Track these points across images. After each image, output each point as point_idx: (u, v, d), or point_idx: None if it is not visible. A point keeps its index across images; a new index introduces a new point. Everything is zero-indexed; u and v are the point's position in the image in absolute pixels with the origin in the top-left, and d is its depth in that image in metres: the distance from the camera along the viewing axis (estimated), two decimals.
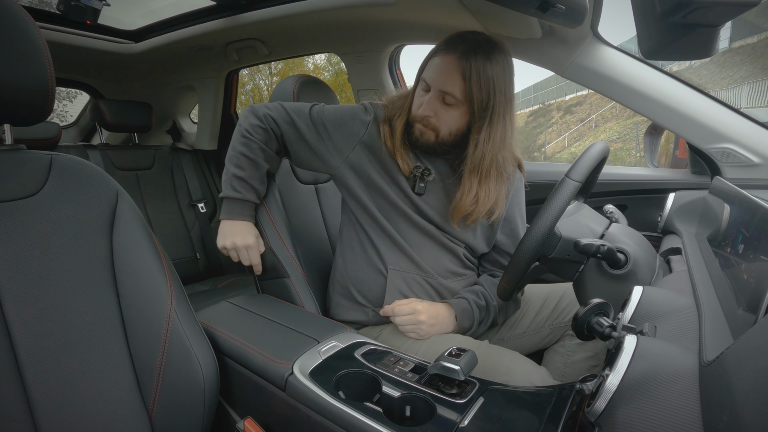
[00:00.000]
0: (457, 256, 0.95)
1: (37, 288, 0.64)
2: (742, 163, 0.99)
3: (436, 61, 0.84)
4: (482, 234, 0.96)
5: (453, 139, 0.88)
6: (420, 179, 0.90)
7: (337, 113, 0.94)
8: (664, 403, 0.37)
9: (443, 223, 0.92)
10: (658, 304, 0.56)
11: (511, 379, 0.70)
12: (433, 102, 0.85)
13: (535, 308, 0.97)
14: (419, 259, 0.91)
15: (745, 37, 14.83)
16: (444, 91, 0.83)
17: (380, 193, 0.91)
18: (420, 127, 0.88)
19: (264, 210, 1.00)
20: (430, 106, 0.85)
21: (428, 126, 0.87)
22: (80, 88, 2.19)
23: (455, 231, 0.93)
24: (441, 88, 0.83)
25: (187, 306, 0.74)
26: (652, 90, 1.03)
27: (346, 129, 0.92)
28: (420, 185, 0.91)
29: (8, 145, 0.68)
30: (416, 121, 0.88)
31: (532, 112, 27.35)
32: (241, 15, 1.44)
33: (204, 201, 2.06)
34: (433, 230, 0.92)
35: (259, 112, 0.94)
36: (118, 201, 0.72)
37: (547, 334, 0.95)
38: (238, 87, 2.13)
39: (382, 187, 0.90)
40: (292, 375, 0.64)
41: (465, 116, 0.85)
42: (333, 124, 0.92)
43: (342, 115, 0.94)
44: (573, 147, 19.29)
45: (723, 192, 0.73)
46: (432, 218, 0.91)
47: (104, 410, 0.65)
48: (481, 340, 0.88)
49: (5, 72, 0.61)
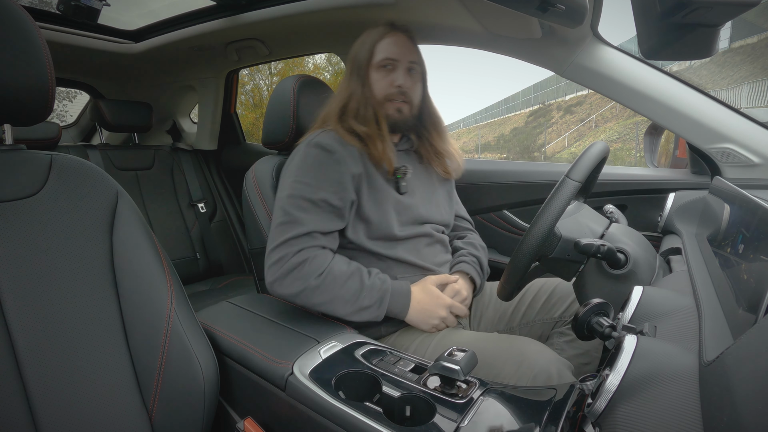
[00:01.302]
0: (445, 244, 0.99)
1: (38, 288, 0.64)
2: (742, 163, 0.99)
3: (389, 42, 0.92)
4: (449, 206, 1.04)
5: (417, 111, 0.96)
6: (402, 179, 0.93)
7: (312, 174, 0.85)
8: (664, 403, 0.37)
9: (429, 215, 0.95)
10: (658, 304, 0.56)
11: (525, 359, 0.71)
12: (405, 74, 0.91)
13: (526, 303, 0.98)
14: (422, 262, 0.92)
15: (745, 37, 14.84)
16: (412, 60, 0.92)
17: (384, 208, 0.90)
18: (396, 105, 0.91)
19: (263, 206, 1.00)
20: (405, 77, 0.91)
21: (406, 100, 0.92)
22: (80, 88, 2.19)
23: (438, 218, 0.98)
24: (409, 58, 0.92)
25: (187, 306, 0.74)
26: (652, 90, 1.03)
27: (332, 177, 0.86)
28: (402, 184, 0.93)
29: (8, 145, 0.68)
30: (390, 100, 0.91)
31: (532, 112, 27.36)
32: (241, 15, 1.44)
33: (204, 201, 2.06)
34: (426, 229, 0.94)
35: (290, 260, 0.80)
36: (118, 201, 0.72)
37: (538, 330, 0.95)
38: (238, 87, 2.13)
39: (378, 212, 0.89)
40: (292, 375, 0.64)
41: (421, 88, 0.96)
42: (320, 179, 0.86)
43: (318, 173, 0.86)
44: (573, 147, 19.30)
45: (723, 192, 0.73)
46: (422, 216, 0.93)
47: (104, 410, 0.65)
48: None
49: (5, 72, 0.61)
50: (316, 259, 0.80)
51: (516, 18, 1.00)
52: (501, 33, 1.11)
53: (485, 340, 0.79)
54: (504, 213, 1.36)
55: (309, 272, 0.79)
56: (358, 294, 0.79)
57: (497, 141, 27.91)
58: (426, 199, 0.97)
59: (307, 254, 0.80)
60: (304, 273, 0.79)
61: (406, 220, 0.91)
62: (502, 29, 1.09)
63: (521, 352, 0.73)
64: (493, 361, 0.73)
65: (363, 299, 0.79)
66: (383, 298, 0.81)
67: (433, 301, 0.84)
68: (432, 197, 0.99)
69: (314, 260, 0.80)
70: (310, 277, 0.79)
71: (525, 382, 0.69)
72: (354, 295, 0.79)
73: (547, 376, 0.69)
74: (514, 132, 27.12)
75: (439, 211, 1.00)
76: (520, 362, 0.71)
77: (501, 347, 0.76)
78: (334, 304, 0.79)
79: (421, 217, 0.94)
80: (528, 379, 0.69)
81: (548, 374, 0.69)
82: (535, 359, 0.71)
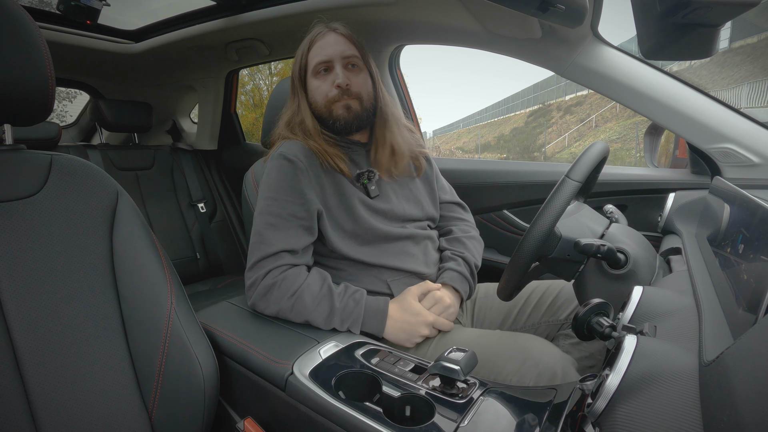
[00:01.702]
0: (434, 239, 0.98)
1: (38, 288, 0.64)
2: (742, 163, 0.99)
3: (318, 45, 0.90)
4: (431, 199, 1.02)
5: (369, 106, 0.92)
6: (369, 183, 0.91)
7: (276, 188, 0.85)
8: (664, 403, 0.37)
9: (408, 214, 0.94)
10: (658, 304, 0.56)
11: (529, 357, 0.71)
12: (344, 71, 0.89)
13: (531, 305, 0.97)
14: (412, 266, 0.90)
15: (745, 37, 14.84)
16: (346, 56, 0.89)
17: (353, 228, 0.88)
18: (342, 103, 0.89)
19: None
20: (343, 75, 0.88)
21: (351, 95, 0.89)
22: (80, 88, 2.19)
23: (419, 214, 0.96)
24: (342, 54, 0.88)
25: (187, 306, 0.74)
26: (652, 90, 1.03)
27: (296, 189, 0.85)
28: (372, 188, 0.91)
29: (8, 145, 0.68)
30: (336, 101, 0.89)
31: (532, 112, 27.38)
32: (241, 15, 1.44)
33: (204, 201, 2.06)
34: (410, 230, 0.93)
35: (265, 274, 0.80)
36: (118, 201, 0.72)
37: (543, 331, 0.95)
38: (238, 87, 2.13)
39: (347, 213, 0.88)
40: (292, 375, 0.64)
41: (368, 79, 0.92)
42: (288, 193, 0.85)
43: (280, 186, 0.85)
44: (573, 147, 19.31)
45: (723, 192, 0.73)
46: (400, 216, 0.93)
47: (104, 410, 0.65)
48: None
49: (5, 72, 0.61)
50: (285, 280, 0.79)
51: (516, 18, 0.99)
52: (501, 33, 1.11)
53: (487, 338, 0.79)
54: (504, 213, 1.36)
55: (280, 295, 0.78)
56: (329, 318, 0.77)
57: (497, 141, 27.92)
58: (403, 198, 0.95)
59: (275, 277, 0.79)
60: (275, 296, 0.78)
61: (383, 224, 0.90)
62: (502, 29, 1.09)
63: (524, 349, 0.72)
64: (496, 358, 0.73)
65: (334, 322, 0.77)
66: (356, 321, 0.78)
67: (413, 319, 0.80)
68: (410, 194, 0.97)
69: (283, 282, 0.79)
70: (282, 299, 0.78)
71: (529, 380, 0.69)
72: (326, 319, 0.77)
73: (551, 373, 0.68)
74: (514, 132, 27.14)
75: (421, 207, 0.98)
76: (524, 359, 0.71)
77: (504, 344, 0.75)
78: (312, 323, 0.78)
79: (400, 218, 0.92)
80: (532, 377, 0.69)
81: (553, 372, 0.68)
82: (540, 356, 0.70)
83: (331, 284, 0.80)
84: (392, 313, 0.80)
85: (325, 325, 0.77)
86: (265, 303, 0.80)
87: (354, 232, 0.88)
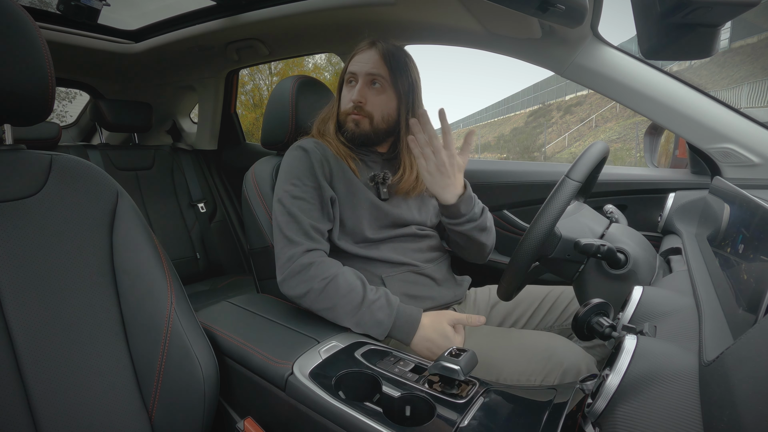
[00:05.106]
0: (433, 238, 0.99)
1: (38, 288, 0.64)
2: (742, 163, 0.99)
3: (357, 57, 0.92)
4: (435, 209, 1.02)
5: (387, 126, 0.93)
6: (381, 185, 0.94)
7: (296, 174, 0.89)
8: (664, 403, 0.37)
9: (413, 218, 0.95)
10: (658, 304, 0.56)
11: (554, 354, 0.72)
12: (362, 89, 0.91)
13: (540, 309, 0.98)
14: (405, 259, 0.92)
15: (745, 37, 14.84)
16: (371, 73, 0.90)
17: (358, 213, 0.90)
18: (354, 118, 0.91)
19: (262, 206, 1.00)
20: (360, 92, 0.90)
21: (362, 113, 0.91)
22: (80, 88, 2.19)
23: (425, 221, 0.97)
24: (368, 71, 0.90)
25: (187, 306, 0.74)
26: (652, 90, 1.03)
27: (312, 176, 0.89)
28: (383, 191, 0.93)
29: (8, 145, 0.68)
30: (349, 114, 0.92)
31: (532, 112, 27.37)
32: (241, 15, 1.44)
33: (204, 201, 2.06)
34: (411, 229, 0.94)
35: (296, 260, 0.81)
36: (118, 201, 0.72)
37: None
38: (238, 87, 2.13)
39: (357, 206, 0.90)
40: (292, 375, 0.64)
41: (393, 100, 0.92)
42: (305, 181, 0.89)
43: (299, 172, 0.89)
44: (573, 147, 19.31)
45: (723, 192, 0.73)
46: (404, 220, 0.93)
47: (104, 410, 0.65)
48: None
49: (5, 72, 0.61)
50: (323, 263, 0.81)
51: (516, 18, 0.99)
52: (501, 33, 1.11)
53: (504, 337, 0.80)
54: (504, 213, 1.36)
55: (315, 274, 0.79)
56: (356, 309, 0.77)
57: (497, 141, 27.93)
58: (415, 204, 0.97)
59: (313, 257, 0.81)
60: (310, 275, 0.79)
61: (382, 225, 0.91)
62: (502, 29, 1.09)
63: (547, 347, 0.73)
64: (519, 357, 0.73)
65: (359, 315, 0.76)
66: (383, 321, 0.76)
67: (441, 341, 0.77)
68: (423, 202, 0.99)
69: (322, 264, 0.80)
70: (315, 279, 0.79)
71: (554, 378, 0.70)
72: (353, 308, 0.77)
73: (577, 371, 0.70)
74: (514, 132, 27.14)
75: (429, 216, 0.99)
76: (549, 357, 0.72)
77: (524, 343, 0.76)
78: (336, 311, 0.77)
79: (403, 221, 0.94)
80: (557, 374, 0.70)
81: (578, 370, 0.70)
82: (565, 354, 0.72)
83: (366, 281, 0.82)
84: (424, 323, 0.79)
85: (348, 317, 0.77)
86: (297, 281, 0.80)
87: (350, 227, 0.90)
